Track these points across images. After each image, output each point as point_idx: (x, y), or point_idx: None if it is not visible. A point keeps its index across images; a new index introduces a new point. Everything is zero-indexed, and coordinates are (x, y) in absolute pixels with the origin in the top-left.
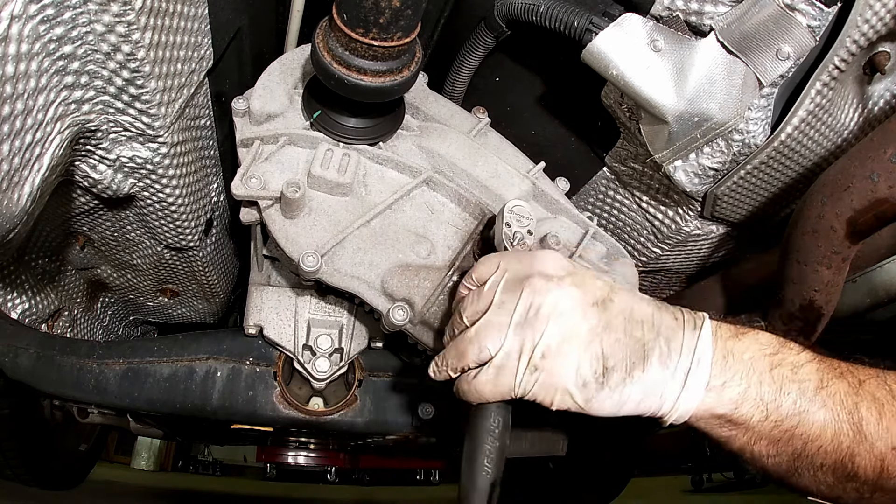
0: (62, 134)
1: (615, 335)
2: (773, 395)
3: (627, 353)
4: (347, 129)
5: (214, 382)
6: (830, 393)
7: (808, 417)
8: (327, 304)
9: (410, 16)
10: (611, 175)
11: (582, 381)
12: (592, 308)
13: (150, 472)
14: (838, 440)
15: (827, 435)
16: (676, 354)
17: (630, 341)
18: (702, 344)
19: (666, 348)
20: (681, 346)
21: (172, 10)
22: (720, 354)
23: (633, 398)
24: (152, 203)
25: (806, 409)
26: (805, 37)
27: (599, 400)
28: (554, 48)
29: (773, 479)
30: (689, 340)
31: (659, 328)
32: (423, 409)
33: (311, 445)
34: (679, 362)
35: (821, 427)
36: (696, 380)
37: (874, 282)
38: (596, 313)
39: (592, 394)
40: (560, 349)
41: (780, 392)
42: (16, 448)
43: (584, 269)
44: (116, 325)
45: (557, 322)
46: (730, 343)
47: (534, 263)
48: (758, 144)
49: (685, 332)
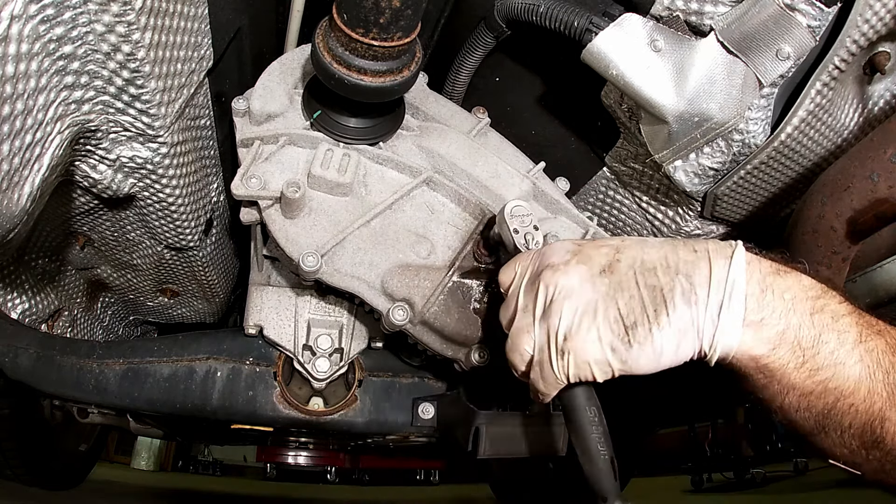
0: (62, 134)
1: (628, 292)
2: (811, 342)
3: (646, 303)
4: (347, 129)
5: (214, 382)
6: (868, 349)
7: (843, 371)
8: (327, 304)
9: (410, 16)
10: (611, 175)
11: (610, 348)
12: (600, 277)
13: (150, 472)
14: (871, 399)
15: (861, 392)
16: (703, 289)
17: (646, 291)
18: (734, 274)
19: (688, 284)
20: (707, 279)
21: (172, 10)
22: (758, 288)
23: (668, 345)
24: (152, 203)
25: (843, 361)
26: (805, 37)
27: (634, 358)
28: (554, 48)
29: (799, 435)
30: (719, 271)
31: (676, 266)
32: (423, 409)
33: (311, 445)
34: (710, 296)
35: (855, 382)
36: (730, 315)
37: (874, 282)
38: (604, 280)
39: (625, 355)
40: (579, 326)
41: (819, 340)
42: (16, 448)
43: (591, 242)
44: (116, 325)
45: (570, 303)
46: (770, 279)
47: (542, 259)
48: (758, 144)
49: (712, 263)
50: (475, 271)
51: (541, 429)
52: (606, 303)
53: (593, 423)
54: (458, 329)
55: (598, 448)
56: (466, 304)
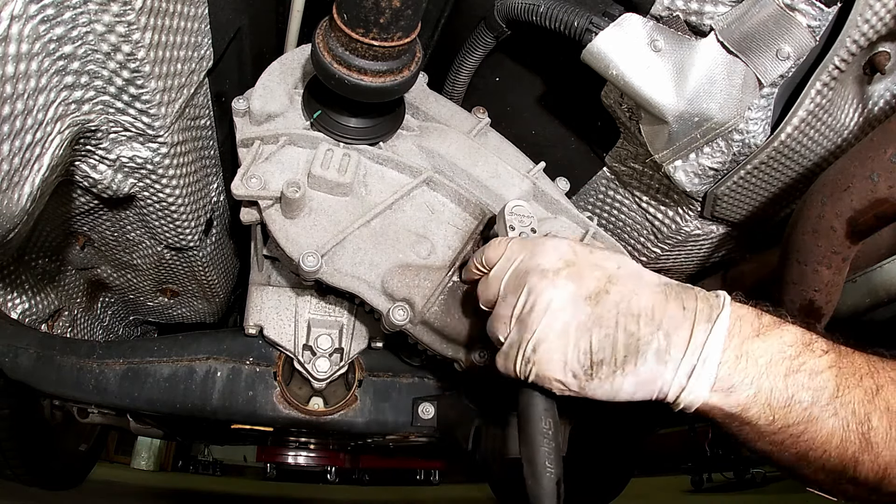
0: (62, 134)
1: (605, 330)
2: (783, 402)
3: (618, 347)
4: (348, 129)
5: (214, 382)
6: (844, 402)
7: (816, 425)
8: (327, 304)
9: (410, 16)
10: (611, 175)
11: (571, 373)
12: (585, 302)
13: (150, 472)
14: (843, 447)
15: (833, 442)
16: (678, 351)
17: (622, 335)
18: (712, 341)
19: (665, 343)
20: (686, 342)
21: (172, 10)
22: (733, 355)
23: (626, 389)
24: (152, 203)
25: (816, 416)
26: (805, 37)
27: (591, 388)
28: (554, 48)
29: (777, 469)
30: (699, 336)
31: (660, 321)
32: (423, 409)
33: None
34: (682, 360)
35: (828, 434)
36: (699, 380)
37: (874, 282)
38: (588, 308)
39: (583, 384)
40: (550, 345)
41: (792, 400)
42: (16, 448)
43: (587, 254)
44: (116, 325)
45: (548, 318)
46: (748, 344)
47: (534, 255)
48: (758, 144)
49: (695, 325)
50: None
51: None
52: (581, 332)
53: (546, 435)
54: (458, 329)
55: (546, 465)
56: (467, 305)
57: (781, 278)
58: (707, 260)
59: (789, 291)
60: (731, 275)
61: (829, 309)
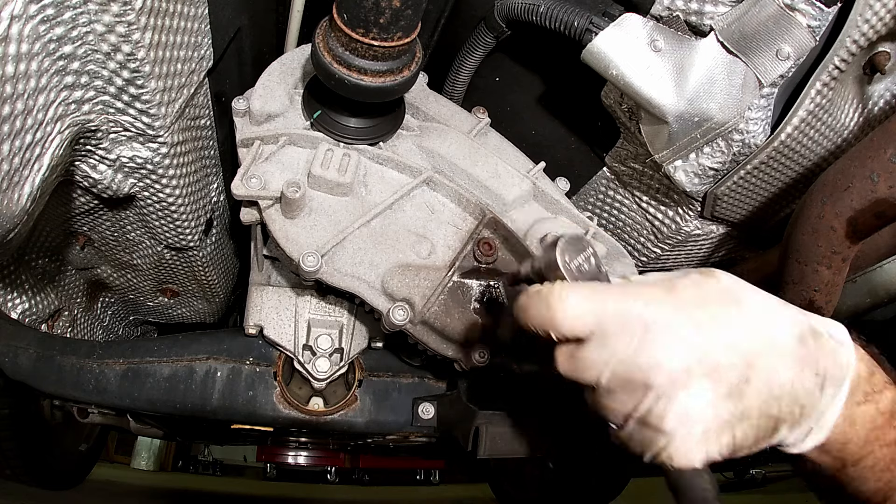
0: (62, 134)
1: (749, 422)
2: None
3: (760, 432)
4: (348, 129)
5: (214, 382)
6: None
7: None
8: (327, 304)
9: (410, 16)
10: (611, 175)
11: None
12: (726, 401)
13: (150, 472)
14: None
15: None
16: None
17: (765, 421)
18: (833, 410)
19: (799, 415)
20: (814, 410)
21: (172, 10)
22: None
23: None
24: (152, 203)
25: None
26: (805, 37)
27: None
28: (554, 48)
29: None
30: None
31: (797, 395)
32: (423, 409)
33: (310, 445)
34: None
35: None
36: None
37: (874, 282)
38: (729, 406)
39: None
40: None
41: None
42: (16, 448)
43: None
44: (116, 325)
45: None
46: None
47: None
48: (758, 144)
49: (823, 397)
50: (475, 271)
51: (541, 428)
52: (724, 430)
53: None
54: (458, 329)
55: None
56: (466, 304)
57: (781, 278)
58: (707, 260)
59: (789, 291)
60: None
61: (829, 309)
